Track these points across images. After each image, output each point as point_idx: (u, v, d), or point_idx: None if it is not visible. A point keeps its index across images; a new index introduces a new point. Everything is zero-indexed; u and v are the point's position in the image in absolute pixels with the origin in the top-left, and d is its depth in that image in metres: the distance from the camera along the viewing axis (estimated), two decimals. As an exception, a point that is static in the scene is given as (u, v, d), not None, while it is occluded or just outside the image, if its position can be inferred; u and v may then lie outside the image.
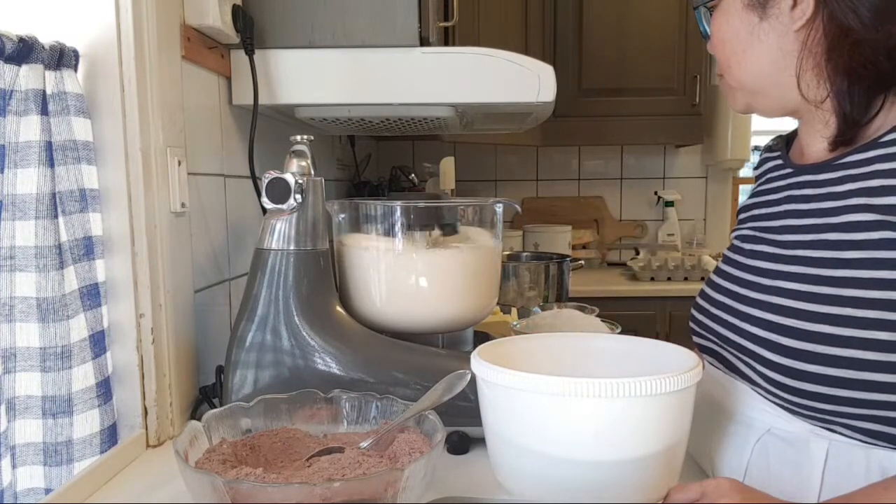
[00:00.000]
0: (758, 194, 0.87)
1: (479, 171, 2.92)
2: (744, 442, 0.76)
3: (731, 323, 0.78)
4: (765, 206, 0.82)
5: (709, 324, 0.83)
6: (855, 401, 0.66)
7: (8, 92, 0.72)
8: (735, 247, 0.85)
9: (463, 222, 0.97)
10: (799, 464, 0.70)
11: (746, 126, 2.74)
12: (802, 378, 0.68)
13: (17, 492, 0.76)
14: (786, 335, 0.70)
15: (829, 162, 0.74)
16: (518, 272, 1.77)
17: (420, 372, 0.85)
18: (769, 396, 0.73)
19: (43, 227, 0.73)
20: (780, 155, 0.85)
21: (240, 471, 0.61)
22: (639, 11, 2.53)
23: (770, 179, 0.85)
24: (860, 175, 0.69)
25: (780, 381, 0.70)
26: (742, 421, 0.77)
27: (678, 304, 2.36)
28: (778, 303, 0.72)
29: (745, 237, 0.83)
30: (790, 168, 0.81)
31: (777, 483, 0.71)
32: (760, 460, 0.74)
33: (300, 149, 0.89)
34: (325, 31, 1.09)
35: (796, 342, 0.69)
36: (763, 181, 0.87)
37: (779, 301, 0.72)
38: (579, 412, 0.61)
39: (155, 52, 0.86)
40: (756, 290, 0.76)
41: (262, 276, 0.87)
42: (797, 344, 0.68)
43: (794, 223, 0.76)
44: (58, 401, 0.76)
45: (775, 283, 0.74)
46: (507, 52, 1.10)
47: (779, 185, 0.82)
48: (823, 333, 0.67)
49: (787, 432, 0.72)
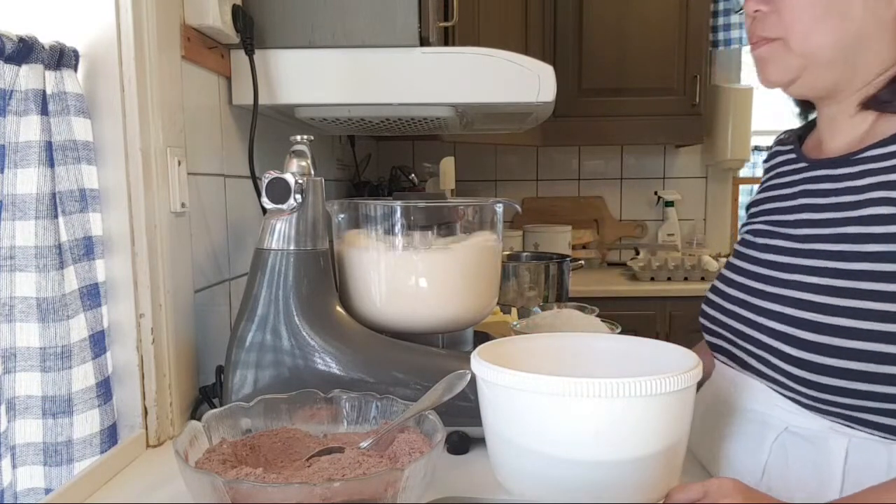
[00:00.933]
0: (769, 188, 0.86)
1: (479, 171, 2.92)
2: (760, 441, 0.75)
3: (746, 317, 0.77)
4: (778, 201, 0.82)
5: (722, 319, 0.82)
6: (876, 395, 0.65)
7: (8, 92, 0.72)
8: (746, 241, 0.84)
9: (463, 222, 0.97)
10: (818, 462, 0.70)
11: (746, 126, 2.74)
12: (822, 372, 0.67)
13: (17, 492, 0.76)
14: (805, 329, 0.69)
15: (848, 157, 0.73)
16: (518, 272, 1.77)
17: (420, 372, 0.85)
18: (787, 392, 0.72)
19: (43, 227, 0.73)
20: (793, 149, 0.84)
21: (240, 471, 0.61)
22: (639, 11, 2.53)
23: (782, 174, 0.84)
24: (881, 169, 0.69)
25: (798, 375, 0.70)
26: (757, 419, 0.76)
27: (678, 304, 2.36)
28: (796, 296, 0.72)
29: (757, 231, 0.83)
30: (804, 162, 0.80)
31: (796, 482, 0.71)
32: (778, 460, 0.73)
33: (300, 149, 0.89)
34: (325, 31, 1.09)
35: (815, 335, 0.68)
36: (773, 175, 0.86)
37: (797, 295, 0.72)
38: (579, 412, 0.60)
39: (155, 52, 0.86)
40: (772, 283, 0.76)
41: (262, 276, 0.87)
42: (816, 337, 0.68)
43: (811, 217, 0.75)
44: (58, 401, 0.76)
45: (793, 277, 0.73)
46: (507, 52, 1.10)
47: (792, 179, 0.81)
48: (843, 327, 0.66)
49: (805, 429, 0.71)
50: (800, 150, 0.83)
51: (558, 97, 1.14)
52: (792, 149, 0.85)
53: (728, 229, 2.97)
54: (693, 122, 2.58)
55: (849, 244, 0.69)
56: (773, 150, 0.90)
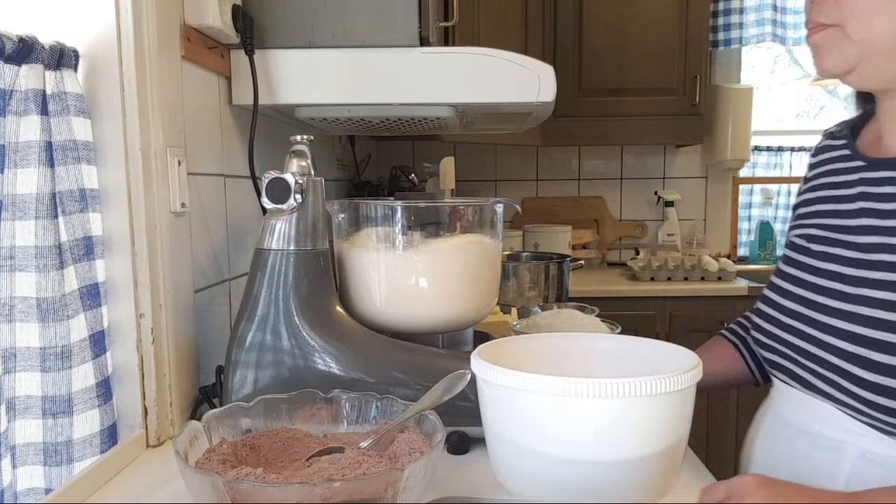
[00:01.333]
0: (819, 187, 0.79)
1: (479, 171, 2.92)
2: (834, 469, 0.70)
3: (810, 334, 0.72)
4: (833, 202, 0.75)
5: (781, 335, 0.77)
6: None
7: (8, 92, 0.72)
8: (799, 247, 0.78)
9: (463, 222, 0.96)
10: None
11: (746, 126, 2.74)
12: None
13: (17, 492, 0.76)
14: (877, 350, 0.64)
15: None
16: (518, 272, 1.77)
17: (420, 372, 0.85)
18: (860, 417, 0.67)
19: (43, 227, 0.73)
20: (847, 144, 0.77)
21: (240, 471, 0.61)
22: (639, 11, 2.53)
23: (835, 171, 0.77)
24: None
25: (873, 400, 0.65)
26: (829, 445, 0.70)
27: (678, 304, 2.36)
28: (867, 314, 0.66)
29: (811, 237, 0.76)
30: (861, 161, 0.74)
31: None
32: (856, 489, 0.66)
33: (300, 149, 0.89)
34: (325, 31, 1.09)
35: (889, 357, 0.63)
36: (823, 172, 0.79)
37: (867, 312, 0.66)
38: (579, 412, 0.60)
39: (155, 52, 0.86)
40: (837, 298, 0.70)
41: (262, 276, 0.87)
42: (890, 360, 0.63)
43: (874, 223, 0.69)
44: (58, 401, 0.76)
45: (860, 292, 0.68)
46: (507, 52, 1.10)
47: (848, 178, 0.74)
48: None
49: (883, 456, 0.66)
50: (854, 146, 0.76)
51: (558, 97, 1.14)
52: (845, 144, 0.78)
53: (728, 229, 2.97)
54: (693, 122, 2.58)
55: None
56: (823, 144, 0.82)
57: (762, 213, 3.01)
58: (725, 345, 0.97)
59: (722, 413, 2.37)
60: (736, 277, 2.46)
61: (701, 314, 2.36)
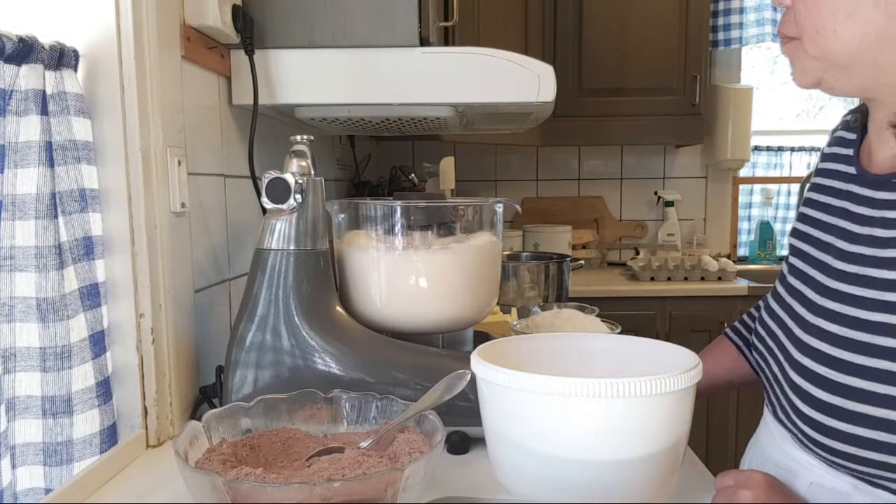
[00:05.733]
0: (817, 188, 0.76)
1: (479, 171, 2.92)
2: None
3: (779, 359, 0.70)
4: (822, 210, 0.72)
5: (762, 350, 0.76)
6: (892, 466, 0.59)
7: (8, 92, 0.72)
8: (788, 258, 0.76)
9: (463, 222, 0.97)
10: None
11: (746, 126, 2.74)
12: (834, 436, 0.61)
13: (17, 492, 0.76)
14: (819, 386, 0.62)
15: (889, 178, 0.64)
16: (518, 272, 1.77)
17: (420, 372, 0.85)
18: (808, 448, 0.66)
19: (43, 227, 0.73)
20: (854, 141, 0.73)
21: (240, 471, 0.61)
22: (639, 11, 2.53)
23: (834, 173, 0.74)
24: None
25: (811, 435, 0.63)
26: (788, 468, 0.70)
27: (678, 304, 2.36)
28: (815, 346, 0.64)
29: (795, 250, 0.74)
30: (855, 170, 0.70)
31: None
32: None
33: (300, 149, 0.89)
34: (325, 31, 1.09)
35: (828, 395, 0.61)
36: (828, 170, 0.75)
37: (815, 344, 0.64)
38: (579, 412, 0.60)
39: (155, 53, 0.86)
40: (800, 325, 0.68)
41: (262, 276, 0.87)
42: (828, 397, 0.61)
43: (842, 247, 0.66)
44: (58, 401, 0.76)
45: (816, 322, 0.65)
46: (507, 52, 1.10)
47: (840, 187, 0.71)
48: (856, 388, 0.59)
49: (829, 489, 0.65)
50: (858, 149, 0.72)
51: (558, 97, 1.14)
52: (853, 140, 0.73)
53: (728, 229, 2.97)
54: (693, 122, 2.58)
55: (871, 290, 0.60)
56: (838, 136, 0.77)
57: (762, 213, 3.01)
58: (728, 347, 0.97)
59: (722, 413, 2.37)
60: (736, 277, 2.46)
61: (701, 314, 2.36)
